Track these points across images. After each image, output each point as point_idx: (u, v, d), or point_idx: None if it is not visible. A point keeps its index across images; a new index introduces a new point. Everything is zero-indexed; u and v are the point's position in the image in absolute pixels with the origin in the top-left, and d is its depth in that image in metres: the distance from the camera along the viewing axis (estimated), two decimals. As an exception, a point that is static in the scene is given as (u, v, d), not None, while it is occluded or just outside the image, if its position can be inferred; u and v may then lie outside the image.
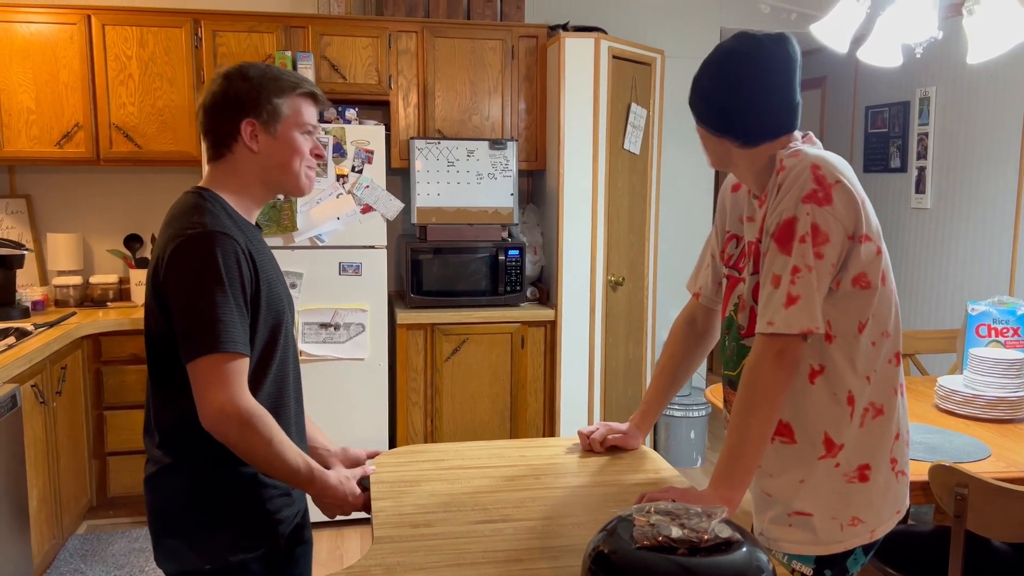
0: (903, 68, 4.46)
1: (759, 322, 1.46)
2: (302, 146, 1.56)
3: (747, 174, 1.58)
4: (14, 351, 2.88)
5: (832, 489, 1.51)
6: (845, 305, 1.47)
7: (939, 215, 4.38)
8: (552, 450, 1.91)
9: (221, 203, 1.52)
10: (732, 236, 1.70)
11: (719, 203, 1.78)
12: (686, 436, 4.46)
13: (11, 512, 2.68)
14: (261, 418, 1.42)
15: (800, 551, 1.53)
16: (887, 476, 1.54)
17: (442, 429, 3.82)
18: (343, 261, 3.60)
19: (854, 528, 1.52)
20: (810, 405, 1.51)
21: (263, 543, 1.53)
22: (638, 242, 4.20)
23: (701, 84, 1.57)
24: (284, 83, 1.54)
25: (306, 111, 1.57)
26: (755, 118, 1.51)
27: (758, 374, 1.44)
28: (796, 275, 1.41)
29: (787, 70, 1.51)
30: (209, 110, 1.54)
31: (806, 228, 1.41)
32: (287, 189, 1.59)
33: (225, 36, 3.75)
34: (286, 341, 1.57)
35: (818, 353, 1.49)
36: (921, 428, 2.43)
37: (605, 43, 3.79)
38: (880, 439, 1.52)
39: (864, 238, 1.45)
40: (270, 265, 1.57)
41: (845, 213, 1.43)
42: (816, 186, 1.42)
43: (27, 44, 3.62)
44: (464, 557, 1.38)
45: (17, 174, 4.00)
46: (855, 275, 1.46)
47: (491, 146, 3.85)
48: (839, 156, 1.52)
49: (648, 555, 1.12)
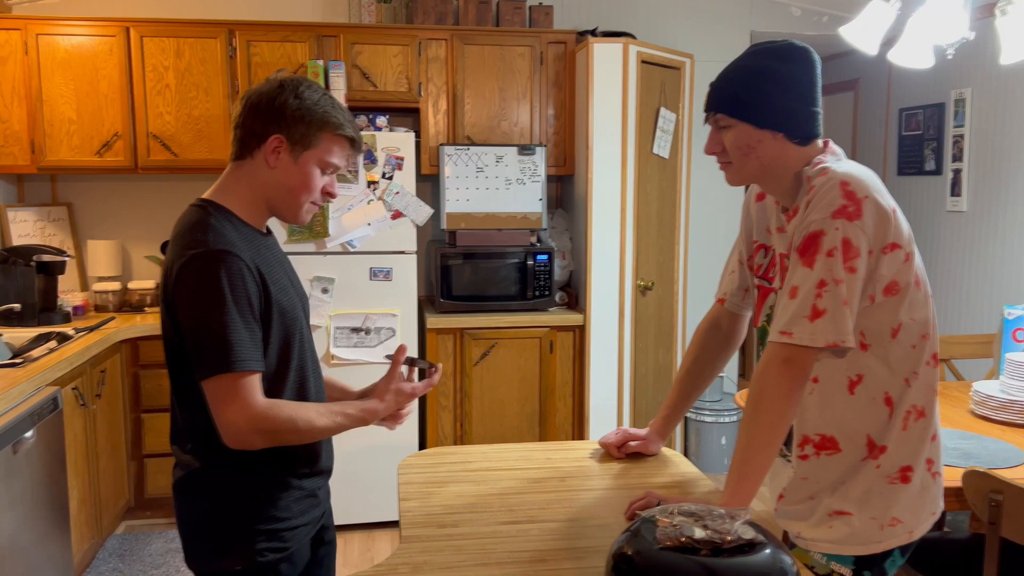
0: (937, 69, 4.40)
1: (771, 332, 1.47)
2: (315, 181, 1.55)
3: (776, 183, 1.57)
4: (56, 354, 2.96)
5: (873, 489, 1.52)
6: (878, 314, 1.48)
7: (975, 218, 4.31)
8: (578, 453, 1.92)
9: (226, 214, 1.51)
10: (760, 246, 1.70)
11: (744, 212, 1.77)
12: (717, 441, 4.43)
13: (52, 512, 2.75)
14: (276, 414, 1.43)
15: (839, 551, 1.53)
16: (924, 477, 1.54)
17: (471, 433, 3.84)
18: (374, 266, 3.65)
19: (893, 528, 1.52)
20: (852, 413, 1.52)
21: (291, 544, 1.56)
22: (668, 246, 4.19)
23: (747, 78, 1.52)
24: (332, 119, 1.53)
25: (338, 152, 1.56)
26: (808, 114, 1.51)
27: (765, 381, 1.44)
28: (823, 288, 1.41)
29: (817, 78, 1.54)
30: (251, 107, 1.53)
31: (835, 242, 1.41)
32: (283, 215, 1.57)
33: (259, 46, 3.82)
34: (301, 347, 1.58)
35: (854, 363, 1.50)
36: (955, 434, 2.40)
37: (634, 48, 3.79)
38: (921, 441, 1.53)
39: (892, 246, 1.45)
40: (280, 272, 1.57)
41: (875, 226, 1.43)
42: (846, 201, 1.42)
43: (68, 56, 3.72)
44: (490, 557, 1.39)
45: (59, 182, 4.11)
46: (886, 284, 1.46)
47: (520, 152, 3.88)
48: (866, 168, 1.52)
49: (671, 556, 1.13)
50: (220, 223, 1.49)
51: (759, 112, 1.51)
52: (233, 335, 1.41)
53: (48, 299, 3.58)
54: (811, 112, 1.52)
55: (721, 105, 1.54)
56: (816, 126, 1.54)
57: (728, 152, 1.55)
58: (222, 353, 1.40)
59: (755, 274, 1.71)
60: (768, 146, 1.52)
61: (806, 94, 1.52)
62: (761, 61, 1.52)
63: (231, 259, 1.43)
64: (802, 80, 1.51)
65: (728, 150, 1.55)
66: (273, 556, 1.53)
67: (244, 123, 1.54)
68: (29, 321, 3.47)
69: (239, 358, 1.41)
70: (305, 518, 1.59)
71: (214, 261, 1.42)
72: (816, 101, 1.53)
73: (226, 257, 1.43)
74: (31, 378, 2.64)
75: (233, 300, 1.42)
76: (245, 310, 1.43)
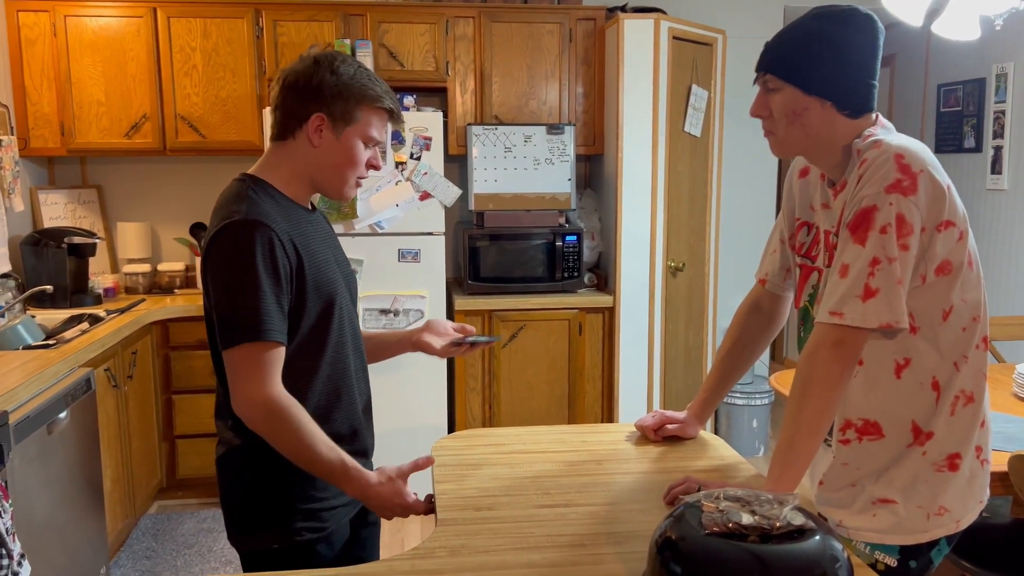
0: (978, 44, 4.27)
1: (820, 312, 1.41)
2: (359, 156, 1.54)
3: (823, 156, 1.51)
4: (88, 336, 2.97)
5: (919, 477, 1.46)
6: (930, 295, 1.42)
7: (1017, 196, 4.19)
8: (613, 436, 1.89)
9: (266, 188, 1.51)
10: (803, 223, 1.64)
11: (786, 188, 1.71)
12: (748, 424, 4.38)
13: (87, 492, 2.77)
14: (289, 409, 1.41)
15: (884, 540, 1.48)
16: (973, 464, 1.48)
17: (500, 415, 3.82)
18: (402, 248, 3.62)
19: (940, 518, 1.46)
20: (898, 398, 1.46)
21: (329, 524, 1.55)
22: (699, 227, 4.12)
23: (802, 40, 1.45)
24: (369, 92, 1.52)
25: (377, 125, 1.55)
26: (861, 86, 1.45)
27: (813, 364, 1.39)
28: (876, 267, 1.35)
29: (879, 49, 1.47)
30: (289, 88, 1.52)
31: (888, 218, 1.35)
32: (329, 192, 1.56)
33: (286, 26, 3.79)
34: (340, 321, 1.56)
35: (903, 347, 1.44)
36: (999, 417, 2.34)
37: (665, 24, 3.71)
38: (970, 427, 1.47)
39: (946, 224, 1.39)
40: (322, 247, 1.56)
41: (930, 203, 1.37)
42: (901, 175, 1.36)
43: (96, 38, 3.72)
44: (528, 540, 1.37)
45: (88, 165, 4.12)
46: (939, 264, 1.40)
47: (548, 131, 3.83)
48: (920, 142, 1.45)
49: (718, 542, 1.09)
50: (258, 196, 1.48)
51: (809, 77, 1.44)
52: (259, 305, 1.39)
53: (79, 281, 3.60)
54: (866, 84, 1.46)
55: (771, 65, 1.47)
56: (871, 99, 1.47)
57: (774, 117, 1.49)
58: (246, 323, 1.39)
59: (797, 253, 1.65)
60: (815, 115, 1.45)
61: (864, 64, 1.45)
62: (820, 24, 1.45)
63: (263, 229, 1.42)
64: (861, 48, 1.44)
65: (774, 115, 1.48)
66: (310, 536, 1.52)
67: (283, 104, 1.52)
68: (61, 303, 3.50)
69: (263, 328, 1.39)
70: (344, 498, 1.57)
71: (246, 230, 1.41)
72: (874, 73, 1.46)
73: (259, 227, 1.42)
74: (64, 359, 2.65)
75: (263, 269, 1.40)
76: (274, 281, 1.42)
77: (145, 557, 3.26)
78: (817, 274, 1.57)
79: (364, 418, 1.64)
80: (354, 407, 1.60)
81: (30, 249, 3.53)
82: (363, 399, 1.64)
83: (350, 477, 1.45)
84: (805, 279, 1.61)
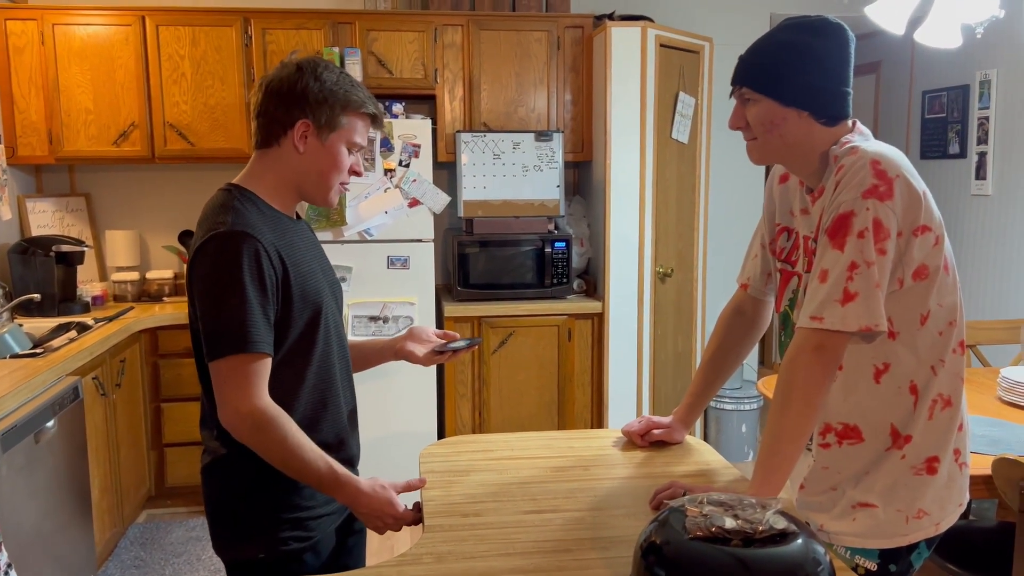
0: (962, 50, 4.31)
1: (800, 317, 1.43)
2: (343, 161, 1.55)
3: (801, 163, 1.53)
4: (76, 344, 2.97)
5: (898, 481, 1.47)
6: (907, 300, 1.44)
7: (1001, 202, 4.23)
8: (600, 441, 1.90)
9: (252, 198, 1.51)
10: (783, 228, 1.66)
11: (767, 194, 1.73)
12: (736, 430, 4.40)
13: (75, 501, 2.76)
14: (276, 419, 1.41)
15: (864, 544, 1.49)
16: (951, 467, 1.50)
17: (490, 421, 3.83)
18: (391, 255, 3.63)
19: (919, 521, 1.48)
20: (877, 402, 1.47)
21: (315, 533, 1.55)
22: (687, 233, 4.14)
23: (775, 52, 1.47)
24: (353, 98, 1.53)
25: (361, 130, 1.57)
26: (837, 94, 1.47)
27: (795, 369, 1.40)
28: (854, 271, 1.37)
29: (851, 57, 1.49)
30: (273, 94, 1.52)
31: (866, 223, 1.37)
32: (315, 198, 1.57)
33: (274, 34, 3.80)
34: (327, 330, 1.56)
35: (882, 352, 1.45)
36: (984, 421, 2.36)
37: (652, 31, 3.74)
38: (948, 431, 1.48)
39: (922, 229, 1.41)
40: (308, 256, 1.56)
41: (905, 208, 1.39)
42: (877, 181, 1.38)
43: (84, 46, 3.72)
44: (514, 547, 1.38)
45: (76, 173, 4.11)
46: (915, 268, 1.42)
47: (537, 138, 3.84)
48: (896, 148, 1.47)
49: (702, 546, 1.11)
50: (244, 206, 1.48)
51: (785, 88, 1.46)
52: (245, 316, 1.40)
53: (67, 289, 3.59)
54: (841, 92, 1.48)
55: (746, 78, 1.49)
56: (845, 107, 1.49)
57: (751, 128, 1.50)
58: (232, 334, 1.39)
59: (778, 258, 1.67)
60: (792, 124, 1.47)
61: (837, 72, 1.47)
62: (792, 35, 1.47)
63: (250, 240, 1.42)
64: (833, 57, 1.46)
65: (752, 126, 1.50)
66: (297, 545, 1.52)
67: (267, 110, 1.52)
68: (49, 311, 3.49)
69: (249, 340, 1.39)
70: (330, 507, 1.57)
71: (232, 241, 1.41)
72: (847, 80, 1.48)
73: (245, 238, 1.42)
74: (52, 368, 2.64)
75: (249, 281, 1.41)
76: (260, 292, 1.42)
77: (134, 566, 3.25)
78: (797, 279, 1.59)
79: (350, 426, 1.64)
80: (340, 416, 1.60)
81: (18, 257, 3.51)
82: (348, 407, 1.64)
83: (340, 484, 1.46)
84: (785, 284, 1.63)
